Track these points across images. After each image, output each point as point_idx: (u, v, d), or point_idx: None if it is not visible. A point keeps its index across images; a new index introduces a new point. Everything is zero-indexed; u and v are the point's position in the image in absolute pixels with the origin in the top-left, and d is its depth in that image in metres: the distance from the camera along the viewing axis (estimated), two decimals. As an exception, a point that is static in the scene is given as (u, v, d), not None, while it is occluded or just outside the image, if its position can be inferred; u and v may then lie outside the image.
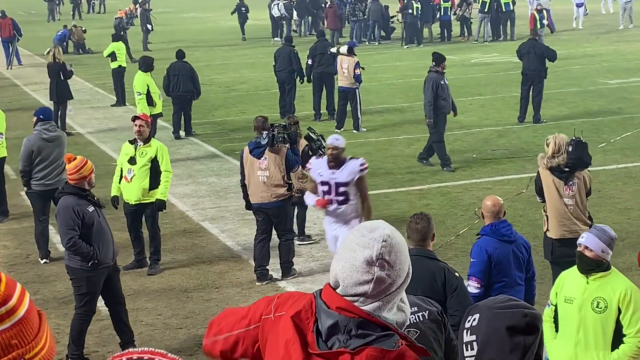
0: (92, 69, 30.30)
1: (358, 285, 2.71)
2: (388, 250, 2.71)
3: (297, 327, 2.81)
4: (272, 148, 10.68)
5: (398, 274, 2.73)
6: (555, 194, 9.19)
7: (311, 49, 20.98)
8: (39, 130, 11.98)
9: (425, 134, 18.87)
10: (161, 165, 11.12)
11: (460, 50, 33.60)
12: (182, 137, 19.36)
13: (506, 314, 2.78)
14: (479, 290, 7.24)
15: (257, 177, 10.76)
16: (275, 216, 10.81)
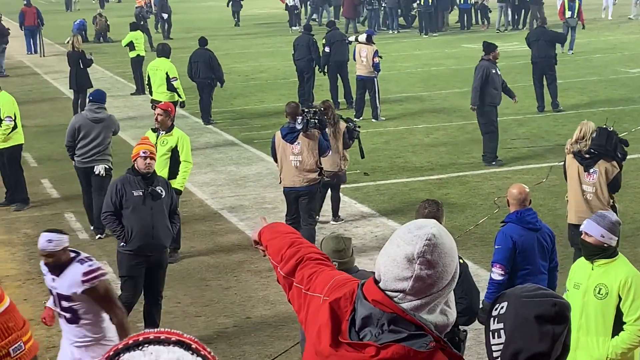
0: (112, 57, 30.37)
1: (397, 281, 2.67)
2: (431, 250, 2.65)
3: (333, 313, 2.81)
4: (306, 133, 10.92)
5: (440, 276, 2.66)
6: (575, 179, 9.33)
7: (327, 38, 20.92)
8: (87, 109, 12.69)
9: (444, 122, 18.86)
10: (181, 155, 11.11)
11: (479, 39, 33.37)
12: (211, 122, 19.64)
13: (535, 303, 2.74)
14: (503, 277, 7.23)
15: (290, 162, 11.00)
16: (303, 197, 11.05)
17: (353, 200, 13.61)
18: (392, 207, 13.21)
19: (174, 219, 9.06)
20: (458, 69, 26.23)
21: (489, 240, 10.76)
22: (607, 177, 9.26)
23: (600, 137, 9.21)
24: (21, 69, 29.19)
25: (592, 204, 9.22)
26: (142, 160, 8.77)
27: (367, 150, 16.56)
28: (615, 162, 9.30)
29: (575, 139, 9.32)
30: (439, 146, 16.85)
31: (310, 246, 3.40)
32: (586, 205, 9.27)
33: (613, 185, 9.36)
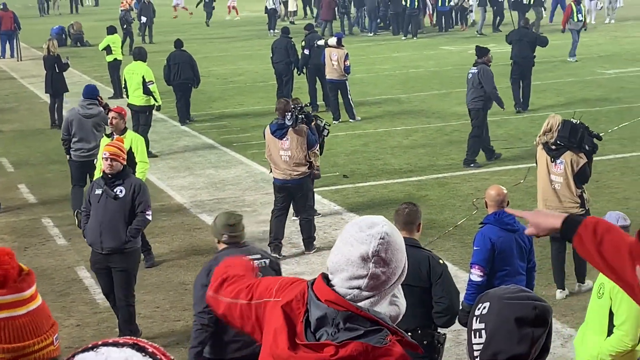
0: (89, 61, 30.24)
1: (352, 280, 2.71)
2: (385, 248, 2.71)
3: (287, 316, 2.82)
4: (295, 129, 11.24)
5: (393, 272, 2.73)
6: (544, 169, 9.82)
7: (307, 40, 20.91)
8: (79, 105, 13.19)
9: (423, 124, 18.91)
10: (136, 156, 11.13)
11: (457, 41, 33.56)
12: (190, 121, 19.87)
13: (516, 305, 2.77)
14: (481, 278, 7.26)
15: (280, 157, 11.32)
16: (298, 193, 11.44)
17: (332, 203, 13.61)
18: (371, 209, 13.20)
19: (137, 223, 8.97)
20: (436, 71, 26.32)
21: (468, 242, 10.78)
22: (572, 168, 9.65)
23: (564, 129, 9.67)
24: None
25: (560, 194, 9.70)
26: (105, 161, 8.97)
27: (347, 153, 16.64)
28: (582, 153, 9.67)
29: (543, 131, 9.81)
30: (418, 148, 16.89)
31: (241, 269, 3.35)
32: (554, 195, 9.74)
33: (580, 176, 9.72)
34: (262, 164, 12.50)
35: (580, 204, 9.75)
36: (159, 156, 16.92)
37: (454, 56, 29.49)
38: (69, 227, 12.76)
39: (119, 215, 8.88)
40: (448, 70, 26.37)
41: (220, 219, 6.82)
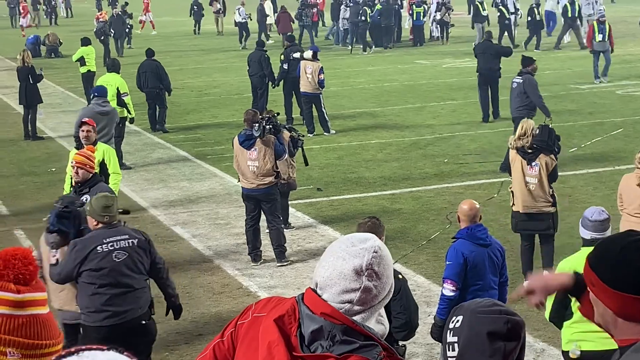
0: (63, 72, 30.10)
1: (345, 293, 2.74)
2: (378, 262, 2.76)
3: (281, 329, 2.82)
4: (263, 139, 11.34)
5: (384, 287, 2.78)
6: (519, 172, 10.33)
7: (285, 54, 20.95)
8: (93, 103, 14.09)
9: (397, 138, 18.97)
10: (109, 167, 11.12)
11: (432, 55, 33.73)
12: (158, 130, 20.08)
13: (488, 319, 2.79)
14: (454, 293, 7.29)
15: (247, 167, 11.43)
16: (265, 202, 11.53)
17: (306, 216, 13.61)
18: (345, 222, 13.22)
19: None
20: (411, 85, 26.43)
21: (441, 255, 10.82)
22: (547, 169, 10.28)
23: (542, 133, 10.36)
24: (-30, 84, 28.81)
25: (534, 194, 10.31)
26: (72, 169, 9.18)
27: (321, 166, 16.66)
28: (553, 155, 10.38)
29: (518, 136, 10.32)
30: (392, 162, 16.93)
31: None
32: (530, 195, 10.32)
33: (552, 176, 10.40)
34: (236, 177, 12.49)
35: (552, 203, 10.43)
36: (132, 168, 16.86)
37: (429, 70, 29.63)
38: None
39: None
40: (422, 84, 26.49)
41: (99, 201, 7.38)
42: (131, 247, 7.34)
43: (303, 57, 19.64)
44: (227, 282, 11.09)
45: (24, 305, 2.46)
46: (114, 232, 7.31)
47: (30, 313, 2.48)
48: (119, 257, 7.28)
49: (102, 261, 7.22)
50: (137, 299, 7.41)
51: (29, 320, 2.47)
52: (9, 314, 2.45)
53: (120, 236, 7.31)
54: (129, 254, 7.33)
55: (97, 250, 7.21)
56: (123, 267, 7.29)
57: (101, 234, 7.30)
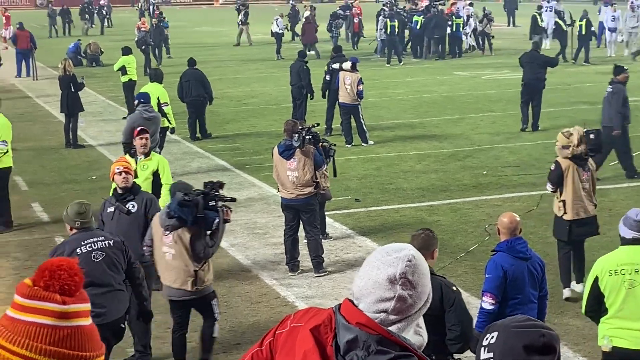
0: (104, 81, 30.41)
1: (379, 302, 2.73)
2: (412, 271, 2.75)
3: (316, 339, 2.82)
4: (303, 149, 11.37)
5: (419, 296, 2.76)
6: (577, 179, 10.47)
7: (328, 65, 20.98)
8: (140, 110, 14.45)
9: (436, 149, 18.92)
10: (162, 178, 11.16)
11: (471, 66, 33.62)
12: (200, 139, 20.26)
13: (523, 333, 2.78)
14: (493, 306, 7.24)
15: (287, 177, 11.47)
16: (304, 212, 11.58)
17: (344, 226, 13.61)
18: (383, 233, 13.21)
19: None
20: (450, 96, 26.36)
21: (479, 268, 10.77)
22: (594, 172, 10.76)
23: (597, 138, 10.83)
24: (13, 92, 29.19)
25: (587, 199, 10.57)
26: (119, 176, 9.08)
27: (359, 177, 16.66)
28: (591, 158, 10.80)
29: (577, 143, 10.41)
30: (430, 173, 16.89)
31: None
32: (584, 201, 10.54)
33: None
34: (274, 186, 12.53)
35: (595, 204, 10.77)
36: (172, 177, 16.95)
37: (468, 81, 29.55)
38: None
39: (134, 229, 9.01)
40: (461, 96, 26.42)
41: (72, 208, 7.82)
42: (108, 247, 7.84)
43: (342, 67, 19.67)
44: (265, 291, 11.12)
45: (68, 317, 2.47)
46: (90, 235, 7.83)
47: (74, 324, 2.48)
48: (97, 257, 7.80)
49: (81, 263, 7.26)
50: (117, 300, 7.89)
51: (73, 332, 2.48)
52: (53, 325, 2.45)
53: (97, 238, 7.84)
54: (107, 253, 7.83)
55: (76, 252, 7.66)
56: (103, 265, 7.80)
57: (78, 237, 7.82)
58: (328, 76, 20.61)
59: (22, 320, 2.46)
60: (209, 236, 8.45)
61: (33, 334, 2.43)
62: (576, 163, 10.45)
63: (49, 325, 2.44)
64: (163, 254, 8.53)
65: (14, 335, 2.45)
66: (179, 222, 8.30)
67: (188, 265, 8.41)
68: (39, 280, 2.48)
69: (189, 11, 74.71)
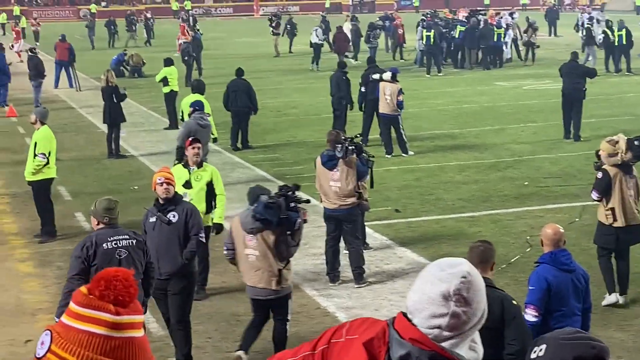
0: (146, 92, 30.68)
1: (433, 318, 2.70)
2: (466, 287, 2.70)
3: (369, 353, 2.81)
4: (346, 160, 11.38)
5: (474, 313, 2.72)
6: (624, 187, 10.53)
7: (363, 76, 21.01)
8: (195, 117, 14.90)
9: (476, 160, 18.84)
10: (216, 188, 11.22)
11: (512, 77, 33.45)
12: (240, 149, 20.45)
13: (574, 345, 2.75)
14: (536, 318, 7.18)
15: (330, 187, 11.49)
16: (346, 222, 11.61)
17: (384, 237, 13.59)
18: (423, 244, 13.17)
19: (192, 246, 9.09)
20: (490, 107, 26.24)
21: (521, 280, 10.71)
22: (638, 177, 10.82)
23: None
24: (57, 102, 29.54)
25: (633, 204, 10.61)
26: (160, 187, 9.13)
27: (399, 187, 16.63)
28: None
29: (624, 150, 10.53)
30: (471, 183, 16.82)
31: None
32: (632, 207, 10.59)
33: None
34: (314, 196, 12.53)
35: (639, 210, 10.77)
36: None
37: (509, 92, 29.40)
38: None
39: (174, 239, 9.05)
40: (502, 106, 26.29)
41: (102, 203, 8.14)
42: (131, 246, 8.09)
43: (382, 78, 19.66)
44: (305, 302, 11.13)
45: (121, 328, 2.48)
46: (116, 232, 8.09)
47: (126, 335, 2.50)
48: (121, 255, 8.03)
49: (107, 258, 7.92)
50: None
51: (124, 343, 2.49)
52: (105, 335, 2.47)
53: (122, 236, 8.08)
54: (129, 252, 8.07)
55: (103, 247, 7.96)
56: (124, 264, 7.92)
57: (106, 233, 8.06)
58: (363, 87, 20.65)
59: (75, 328, 2.48)
60: (289, 236, 8.81)
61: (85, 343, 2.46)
62: (622, 170, 10.49)
63: (101, 334, 2.46)
64: (246, 256, 8.92)
65: (66, 342, 2.47)
66: (264, 224, 8.67)
67: (272, 266, 8.81)
68: (94, 289, 2.50)
69: (230, 22, 75.20)
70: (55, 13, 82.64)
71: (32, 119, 14.11)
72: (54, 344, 2.48)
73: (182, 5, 76.56)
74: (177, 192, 9.51)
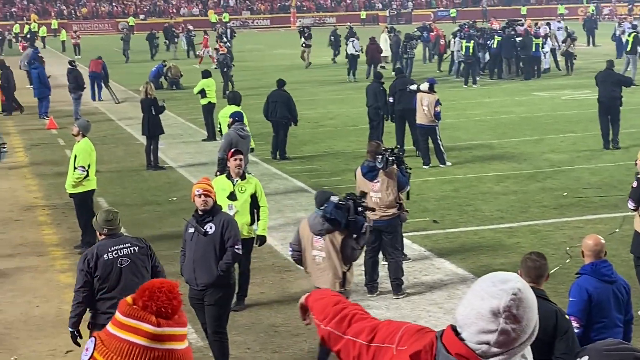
0: (184, 104, 30.89)
1: (482, 334, 2.67)
2: (516, 305, 2.66)
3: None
4: (386, 171, 11.42)
5: (524, 330, 2.68)
6: None
7: (391, 87, 21.02)
8: (236, 128, 15.14)
9: (515, 170, 18.73)
10: (260, 200, 11.25)
11: (550, 87, 33.24)
12: (278, 159, 20.68)
13: (616, 356, 2.73)
14: (578, 330, 7.11)
15: (370, 198, 11.39)
16: (386, 233, 11.61)
17: (422, 248, 13.56)
18: (462, 255, 13.12)
19: (227, 258, 9.09)
20: (528, 117, 26.09)
21: (560, 291, 10.62)
22: None
23: None
24: (96, 115, 29.83)
25: None
26: (198, 198, 9.15)
27: (437, 198, 16.58)
28: None
29: None
30: (509, 194, 16.73)
31: (355, 304, 3.38)
32: None
33: None
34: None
35: None
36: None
37: (547, 102, 29.21)
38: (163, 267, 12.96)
39: (210, 251, 9.07)
40: (540, 116, 26.13)
41: (101, 216, 8.37)
42: (133, 253, 8.29)
43: (420, 89, 19.63)
44: (343, 313, 11.11)
45: (162, 339, 2.48)
46: (117, 242, 8.29)
47: (167, 347, 2.50)
48: (123, 264, 8.22)
49: (108, 268, 8.17)
50: None
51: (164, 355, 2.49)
52: (146, 346, 2.48)
53: (123, 244, 8.29)
54: (132, 260, 8.27)
55: (104, 258, 8.18)
56: (128, 271, 8.20)
57: (106, 243, 8.29)
58: (391, 98, 20.66)
59: (117, 336, 2.50)
60: (355, 240, 9.00)
61: (125, 352, 2.47)
62: None
63: (141, 345, 2.47)
64: (313, 257, 9.13)
65: (108, 350, 2.50)
66: (332, 225, 8.92)
67: (337, 268, 9.02)
68: (138, 299, 2.52)
69: (267, 34, 75.54)
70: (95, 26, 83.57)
71: (74, 131, 14.25)
72: (96, 351, 2.51)
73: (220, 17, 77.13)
74: (217, 203, 9.50)
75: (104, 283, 8.17)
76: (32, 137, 25.82)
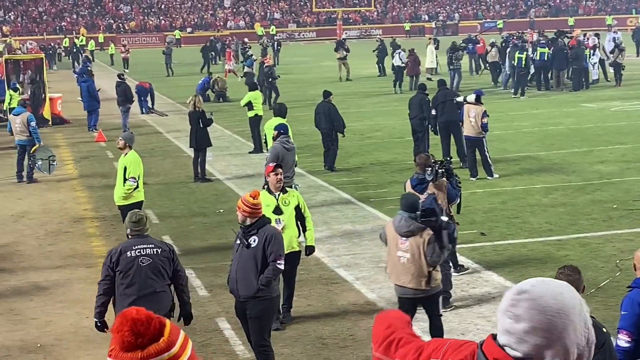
0: (231, 116, 31.09)
1: (502, 334, 2.67)
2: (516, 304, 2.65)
3: None
4: (436, 183, 11.44)
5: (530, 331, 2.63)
6: None
7: (433, 99, 20.96)
8: (281, 141, 15.11)
9: (563, 182, 18.55)
10: (304, 211, 11.27)
11: (598, 98, 32.90)
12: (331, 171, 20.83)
13: None
14: (629, 344, 7.02)
15: None
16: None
17: (470, 260, 13.47)
18: (510, 267, 13.01)
19: (268, 272, 9.03)
20: (577, 129, 25.84)
21: (611, 304, 10.49)
22: None
23: None
24: (144, 127, 30.15)
25: None
26: (238, 210, 9.29)
27: (484, 210, 16.47)
28: None
29: None
30: (558, 206, 16.56)
31: (404, 327, 3.40)
32: None
33: None
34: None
35: None
36: (297, 210, 17.15)
37: (596, 113, 28.91)
38: (210, 278, 13.06)
39: (251, 264, 9.06)
40: (589, 128, 25.86)
41: (129, 217, 8.95)
42: (155, 254, 8.76)
43: (466, 100, 19.54)
44: (390, 325, 11.07)
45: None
46: (142, 242, 8.81)
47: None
48: (144, 262, 8.71)
49: (129, 264, 8.70)
50: (158, 300, 8.68)
51: None
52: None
53: (147, 245, 8.79)
54: (153, 260, 8.73)
55: (126, 255, 8.71)
56: (147, 270, 8.69)
57: (132, 242, 8.83)
58: (434, 110, 20.61)
59: None
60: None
61: None
62: None
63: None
64: (398, 258, 9.48)
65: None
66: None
67: (422, 267, 9.35)
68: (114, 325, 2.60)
69: (313, 46, 75.77)
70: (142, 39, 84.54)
71: (120, 143, 14.38)
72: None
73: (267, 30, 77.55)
74: (264, 215, 9.47)
75: (124, 279, 8.70)
76: (81, 149, 26.15)
